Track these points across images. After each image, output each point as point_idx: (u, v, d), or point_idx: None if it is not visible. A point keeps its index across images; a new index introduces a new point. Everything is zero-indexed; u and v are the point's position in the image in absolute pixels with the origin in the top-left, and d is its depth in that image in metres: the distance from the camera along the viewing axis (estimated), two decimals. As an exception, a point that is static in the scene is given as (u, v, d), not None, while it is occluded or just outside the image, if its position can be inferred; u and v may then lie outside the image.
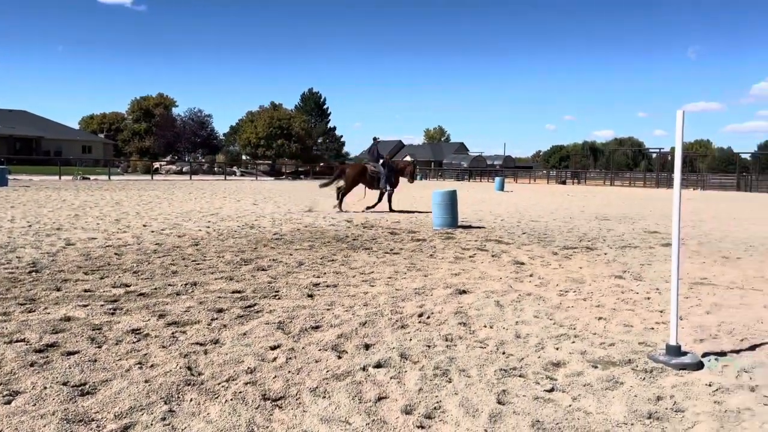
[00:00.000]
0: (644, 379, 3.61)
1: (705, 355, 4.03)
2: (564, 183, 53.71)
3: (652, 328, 4.71)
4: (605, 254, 8.69)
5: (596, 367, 3.79)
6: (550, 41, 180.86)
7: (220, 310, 4.96)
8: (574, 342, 4.31)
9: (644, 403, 3.24)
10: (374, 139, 16.32)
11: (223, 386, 3.34)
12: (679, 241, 4.07)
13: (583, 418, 3.03)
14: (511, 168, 73.74)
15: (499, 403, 3.20)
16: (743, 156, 60.34)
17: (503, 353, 4.03)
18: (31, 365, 3.54)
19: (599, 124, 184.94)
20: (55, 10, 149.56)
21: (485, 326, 4.67)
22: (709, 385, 3.49)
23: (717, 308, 5.42)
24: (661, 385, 3.51)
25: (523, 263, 7.73)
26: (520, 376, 3.61)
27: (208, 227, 11.06)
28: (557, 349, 4.14)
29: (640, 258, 8.38)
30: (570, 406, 3.18)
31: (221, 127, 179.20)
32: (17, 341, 3.97)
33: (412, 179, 16.09)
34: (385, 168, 15.60)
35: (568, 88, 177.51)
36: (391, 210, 15.54)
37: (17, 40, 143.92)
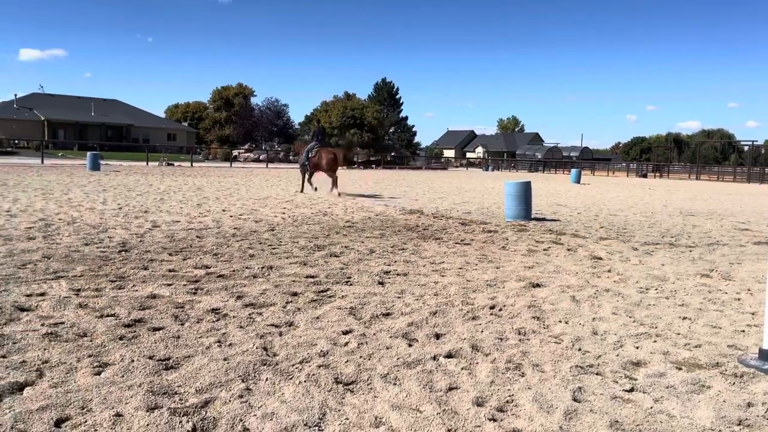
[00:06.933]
0: (734, 384, 3.39)
1: (803, 362, 3.74)
2: (645, 176, 51.30)
3: (743, 331, 4.42)
4: (690, 251, 8.24)
5: (680, 369, 3.60)
6: (630, 28, 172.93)
7: (295, 294, 5.07)
8: (655, 341, 4.11)
9: (734, 409, 3.05)
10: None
11: (297, 368, 3.41)
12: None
13: (666, 421, 2.88)
14: (589, 160, 71.22)
15: (575, 400, 3.09)
16: None
17: (579, 350, 3.90)
18: (120, 339, 3.75)
19: (684, 115, 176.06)
20: (146, 3, 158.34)
21: (560, 321, 4.54)
22: (808, 395, 3.23)
23: (817, 313, 5.01)
24: (753, 392, 3.29)
25: (600, 258, 7.45)
26: (597, 374, 3.49)
27: (284, 213, 11.35)
28: (637, 348, 3.96)
29: (729, 256, 7.89)
30: (651, 407, 3.03)
31: (297, 116, 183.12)
32: (107, 316, 4.22)
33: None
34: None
35: (650, 78, 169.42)
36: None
37: (113, 32, 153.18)
